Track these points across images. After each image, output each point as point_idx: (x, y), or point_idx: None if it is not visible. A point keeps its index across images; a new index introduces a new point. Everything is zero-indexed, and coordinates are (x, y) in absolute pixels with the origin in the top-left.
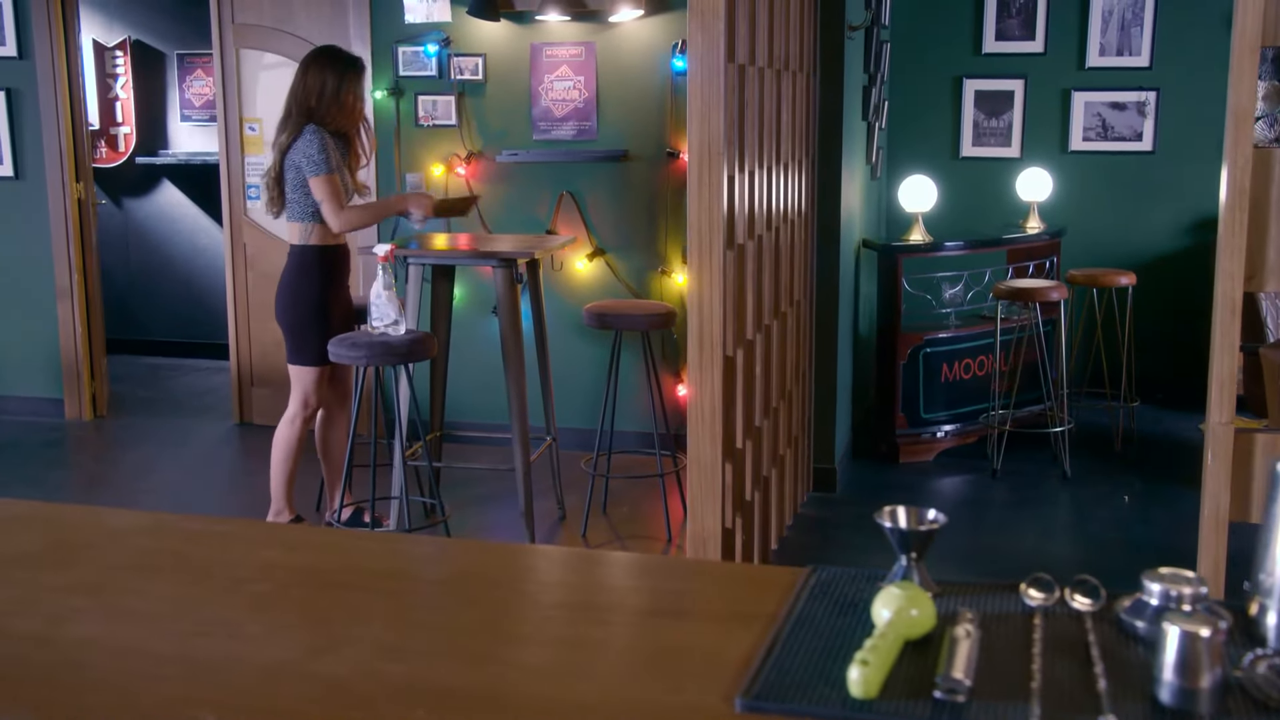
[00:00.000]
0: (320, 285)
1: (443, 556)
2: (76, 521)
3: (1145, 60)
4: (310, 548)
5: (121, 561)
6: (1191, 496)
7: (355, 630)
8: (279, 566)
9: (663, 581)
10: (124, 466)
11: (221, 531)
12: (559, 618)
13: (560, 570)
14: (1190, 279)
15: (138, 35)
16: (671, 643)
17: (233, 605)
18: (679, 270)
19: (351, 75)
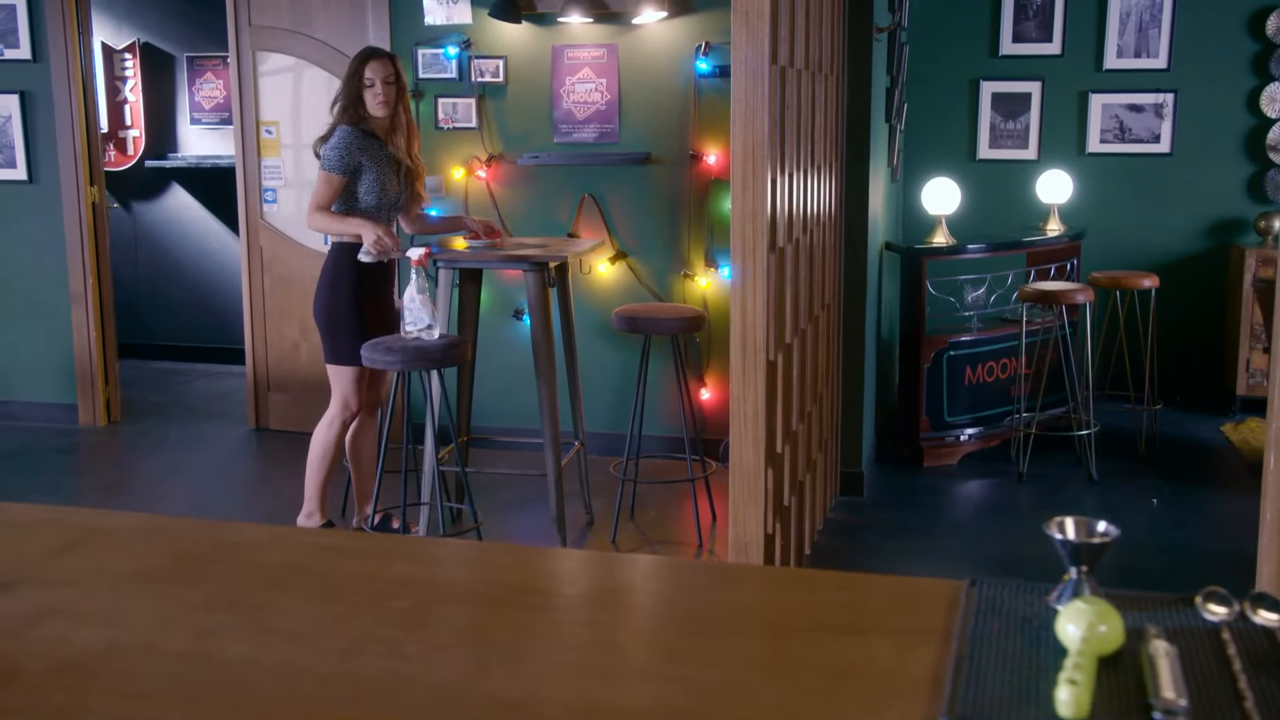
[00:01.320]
0: (354, 283)
1: (578, 570)
2: (193, 534)
3: (1163, 62)
4: (438, 561)
5: (252, 576)
6: (1220, 500)
7: (519, 648)
8: (415, 581)
9: (816, 595)
10: (142, 473)
11: (339, 545)
12: (731, 633)
13: (703, 584)
14: (1209, 281)
15: (147, 38)
16: (851, 659)
17: (382, 622)
18: (702, 274)
19: (357, 63)
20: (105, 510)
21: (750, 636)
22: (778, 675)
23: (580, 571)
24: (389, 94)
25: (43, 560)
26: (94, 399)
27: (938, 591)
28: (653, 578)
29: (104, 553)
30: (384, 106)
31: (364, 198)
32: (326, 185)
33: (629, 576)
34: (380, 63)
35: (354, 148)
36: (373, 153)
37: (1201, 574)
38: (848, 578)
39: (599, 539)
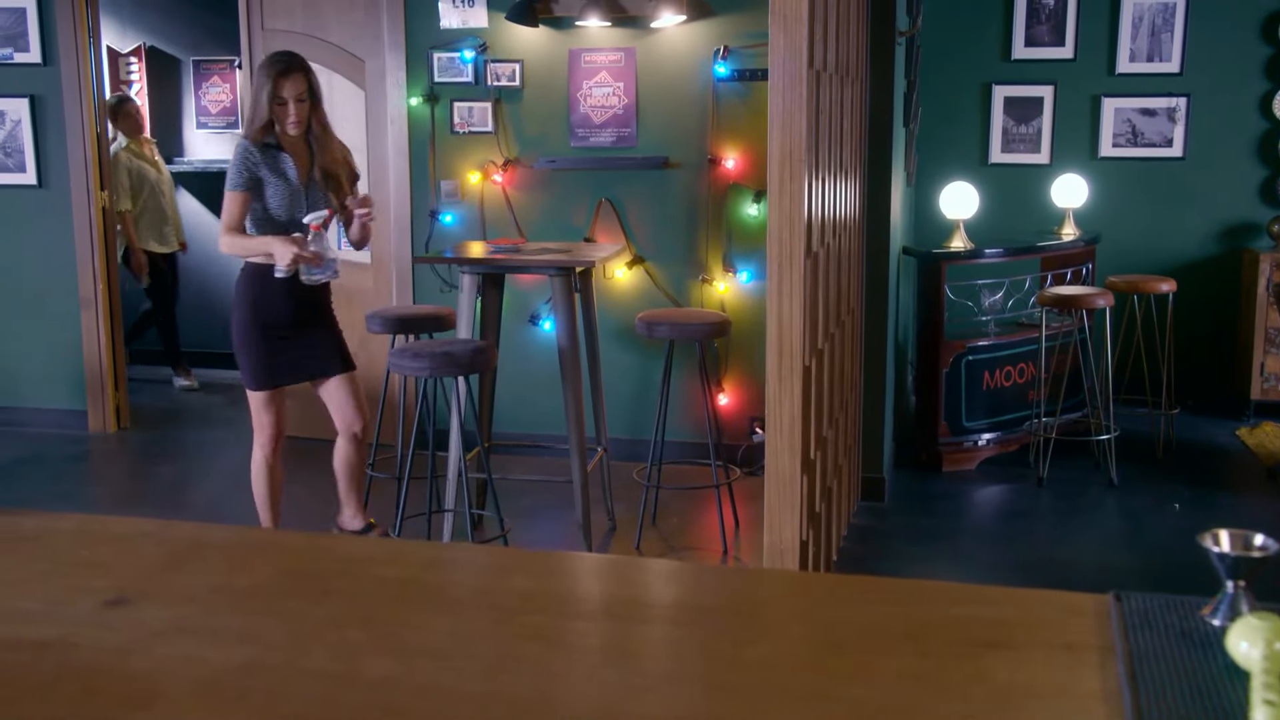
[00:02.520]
0: (250, 304)
1: (701, 584)
2: (300, 548)
3: (1176, 66)
4: (556, 574)
5: (373, 592)
6: (1240, 504)
7: (668, 666)
8: (539, 594)
9: (959, 609)
10: (156, 480)
11: (451, 559)
12: (880, 649)
13: (832, 597)
14: (1221, 285)
15: (152, 41)
16: (1016, 676)
17: (519, 638)
18: (720, 279)
19: (268, 79)
20: (202, 523)
21: (900, 653)
22: (944, 693)
23: (703, 586)
24: (301, 113)
25: (153, 575)
26: (104, 405)
27: (1081, 604)
28: (780, 591)
29: (215, 567)
30: (297, 127)
31: (275, 212)
32: (230, 204)
33: (755, 591)
34: (293, 79)
35: (250, 162)
36: (274, 165)
37: None
38: (989, 591)
39: (623, 545)
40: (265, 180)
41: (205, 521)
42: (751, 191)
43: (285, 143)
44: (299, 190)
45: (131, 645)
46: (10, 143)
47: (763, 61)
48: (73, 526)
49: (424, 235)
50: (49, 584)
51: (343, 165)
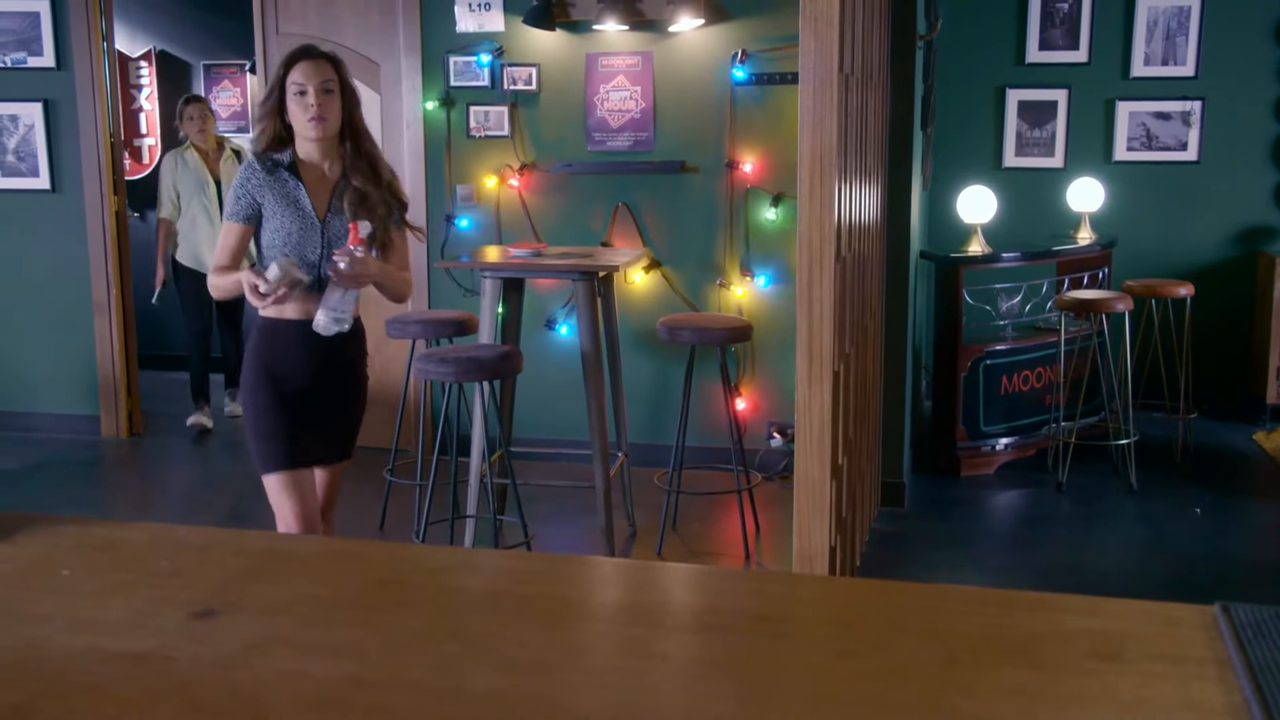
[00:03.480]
0: (260, 365)
1: (801, 595)
2: (379, 559)
3: (1190, 70)
4: (642, 585)
5: (462, 603)
6: (1262, 509)
7: (771, 680)
8: (635, 607)
9: (1066, 620)
10: (170, 486)
11: (533, 569)
12: (994, 661)
13: (935, 609)
14: (1236, 289)
15: (163, 46)
16: (1137, 691)
17: (632, 654)
18: (738, 283)
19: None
20: (276, 533)
21: (1013, 665)
22: (1066, 708)
23: (792, 596)
24: (328, 108)
25: (237, 585)
26: (116, 411)
27: (1185, 616)
28: (885, 601)
29: (298, 578)
30: (319, 125)
31: (277, 251)
32: (223, 237)
33: (859, 599)
34: (316, 64)
35: (251, 184)
36: (280, 189)
37: (1255, 586)
38: (1086, 601)
39: (644, 551)
40: (267, 209)
41: (227, 526)
42: (769, 196)
43: (304, 158)
44: (313, 224)
45: (228, 658)
46: (23, 147)
47: (780, 65)
48: (145, 536)
49: (439, 240)
50: (132, 595)
51: (386, 192)
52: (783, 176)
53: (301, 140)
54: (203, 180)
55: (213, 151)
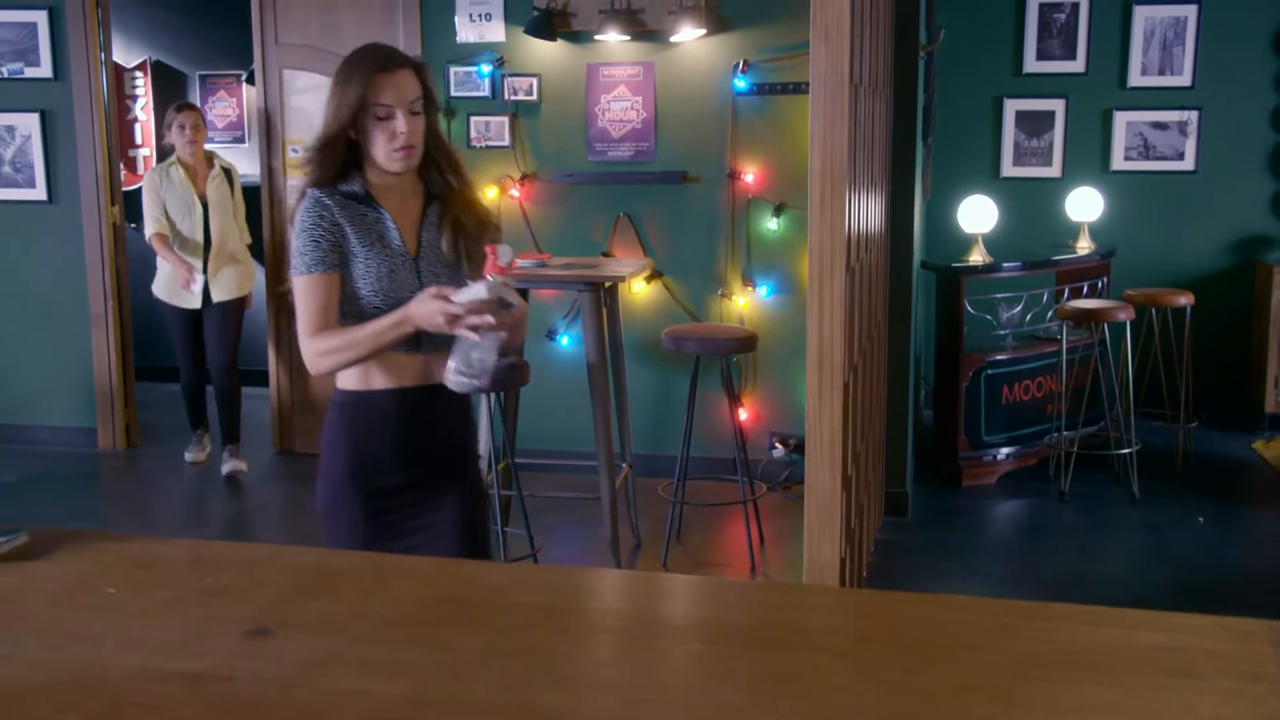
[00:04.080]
0: (347, 451)
1: (849, 608)
2: (430, 575)
3: (1187, 80)
4: (703, 600)
5: (519, 620)
6: (1264, 518)
7: (853, 698)
8: (698, 623)
9: (1139, 636)
10: (170, 498)
11: (584, 584)
12: (1071, 679)
13: (1001, 625)
14: (1233, 298)
15: (158, 56)
16: (1218, 709)
17: (700, 671)
18: (739, 293)
19: (359, 81)
20: (320, 549)
21: (1091, 682)
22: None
23: (857, 611)
24: (415, 133)
25: (287, 603)
26: (113, 423)
27: (1252, 630)
28: (942, 616)
29: (349, 595)
30: (407, 157)
31: (367, 301)
32: (306, 296)
33: (914, 615)
34: (401, 78)
35: (325, 221)
36: (363, 224)
37: (1263, 595)
38: (1156, 616)
39: (649, 562)
40: (352, 251)
41: (229, 539)
42: (771, 206)
43: (377, 183)
44: (405, 261)
45: (289, 677)
46: (20, 158)
47: (782, 75)
48: (186, 553)
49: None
50: (181, 613)
51: (482, 216)
52: (785, 187)
53: (376, 168)
54: (189, 202)
55: (201, 168)
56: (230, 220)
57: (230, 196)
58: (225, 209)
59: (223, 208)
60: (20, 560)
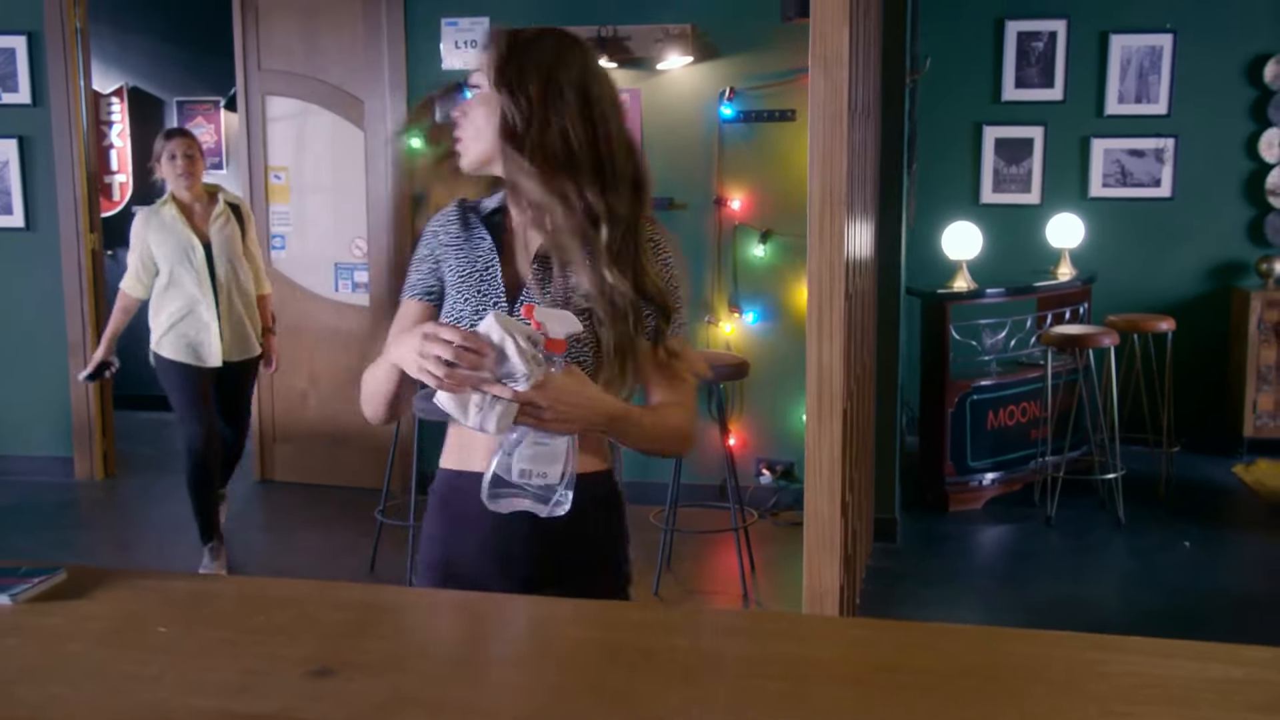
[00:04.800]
0: (435, 560)
1: (911, 643)
2: (483, 611)
3: (1164, 108)
4: (778, 636)
5: (588, 657)
6: (1249, 542)
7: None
8: (771, 658)
9: (1205, 668)
10: (151, 528)
11: (650, 620)
12: (1155, 713)
13: (1087, 657)
14: (1213, 324)
15: (135, 82)
16: None
17: (779, 708)
18: (725, 319)
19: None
20: (371, 585)
21: (1177, 717)
22: None
23: (921, 644)
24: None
25: (345, 642)
26: (91, 452)
27: None
28: (1005, 648)
29: (409, 633)
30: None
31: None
32: (396, 320)
33: (977, 647)
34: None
35: (446, 233)
36: (465, 240)
37: (1256, 621)
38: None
39: (640, 590)
40: (448, 274)
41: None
42: (758, 232)
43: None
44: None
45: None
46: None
47: (769, 103)
48: (231, 589)
49: None
50: (238, 653)
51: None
52: (771, 213)
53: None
54: (186, 244)
55: (200, 205)
56: (242, 265)
57: (240, 237)
58: (234, 252)
59: (230, 250)
60: (60, 599)
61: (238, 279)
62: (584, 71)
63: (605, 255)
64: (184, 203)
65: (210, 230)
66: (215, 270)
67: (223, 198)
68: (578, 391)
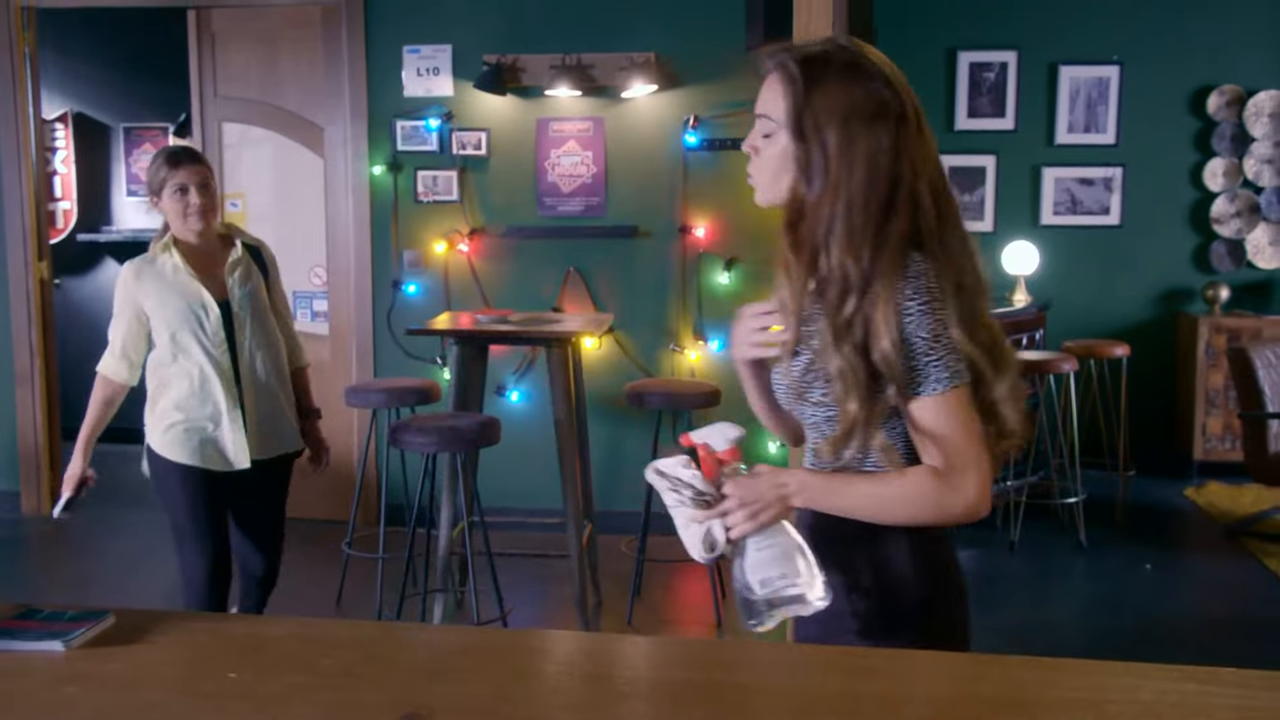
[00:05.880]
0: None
1: (954, 675)
2: (564, 651)
3: (1111, 138)
4: (820, 669)
5: (686, 694)
6: (1208, 563)
7: None
8: (808, 692)
9: (1254, 696)
10: (106, 563)
11: (674, 655)
12: None
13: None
14: (1162, 349)
15: (80, 108)
16: None
17: None
18: (691, 347)
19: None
20: (425, 626)
21: None
22: None
23: (956, 675)
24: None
25: (422, 685)
26: (38, 486)
27: None
28: (1038, 677)
29: (485, 675)
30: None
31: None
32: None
33: (1013, 677)
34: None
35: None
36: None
37: (1219, 640)
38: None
39: (613, 620)
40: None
41: (171, 608)
42: (722, 260)
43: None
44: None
45: None
46: None
47: (733, 130)
48: (290, 631)
49: (385, 306)
50: (318, 698)
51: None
52: (736, 241)
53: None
54: (196, 304)
55: (215, 252)
56: (271, 328)
57: (265, 289)
58: (259, 310)
59: (255, 308)
60: (113, 644)
61: (268, 347)
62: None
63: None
64: (190, 248)
65: (228, 284)
66: (236, 337)
67: (240, 240)
68: (758, 479)
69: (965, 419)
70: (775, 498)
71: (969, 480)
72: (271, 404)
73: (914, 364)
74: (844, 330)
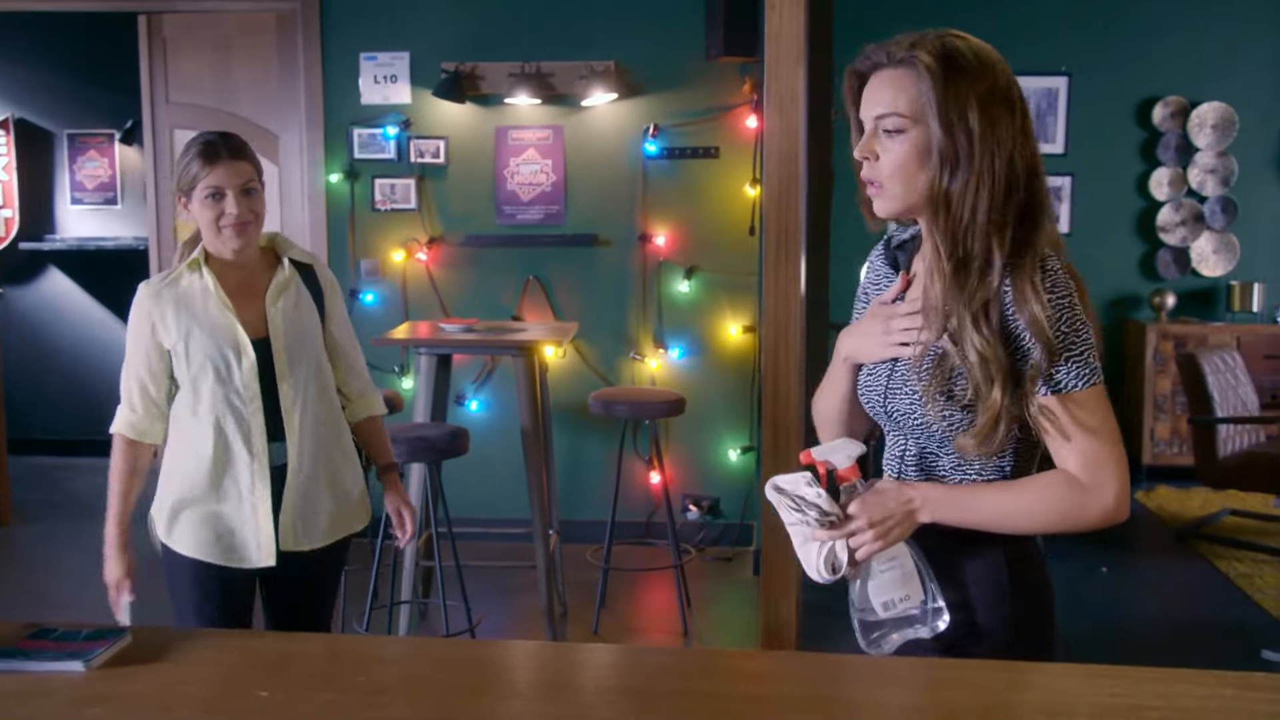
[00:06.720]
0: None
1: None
2: (593, 663)
3: (1060, 147)
4: (832, 679)
5: (713, 708)
6: (1162, 566)
7: None
8: (828, 699)
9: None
10: (56, 577)
11: (675, 665)
12: None
13: (1171, 690)
14: (1110, 356)
15: (21, 114)
16: None
17: None
18: (651, 355)
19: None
20: (452, 640)
21: None
22: None
23: (988, 684)
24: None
25: (458, 701)
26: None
27: None
28: (1075, 683)
29: (518, 692)
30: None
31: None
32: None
33: (1053, 685)
34: None
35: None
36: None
37: (1182, 641)
38: (1193, 674)
39: (579, 630)
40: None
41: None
42: (682, 269)
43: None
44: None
45: None
46: None
47: (692, 139)
48: (318, 648)
49: None
50: (357, 716)
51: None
52: (695, 249)
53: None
54: (225, 346)
55: (257, 271)
56: (324, 374)
57: (320, 318)
58: (312, 348)
59: (307, 347)
60: (134, 664)
61: (319, 399)
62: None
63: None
64: (224, 265)
65: (270, 314)
66: (278, 386)
67: (287, 256)
68: (884, 495)
69: (1105, 417)
70: (903, 514)
71: (1108, 484)
72: (319, 478)
73: (1053, 358)
74: (982, 315)
